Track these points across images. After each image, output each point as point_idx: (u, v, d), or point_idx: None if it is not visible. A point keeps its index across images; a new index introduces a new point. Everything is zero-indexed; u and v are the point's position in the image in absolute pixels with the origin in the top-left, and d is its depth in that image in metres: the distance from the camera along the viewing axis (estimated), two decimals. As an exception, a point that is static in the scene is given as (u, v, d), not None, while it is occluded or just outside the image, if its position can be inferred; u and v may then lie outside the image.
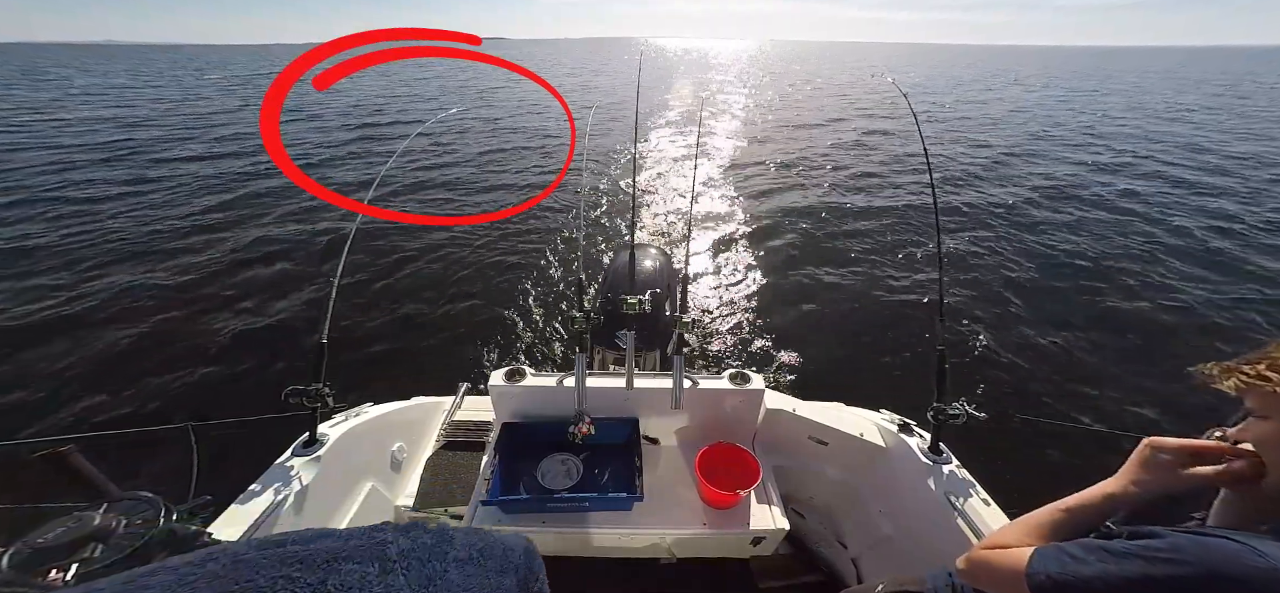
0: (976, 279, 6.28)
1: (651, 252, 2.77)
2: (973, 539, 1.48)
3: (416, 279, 6.28)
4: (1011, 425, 3.55)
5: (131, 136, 15.10)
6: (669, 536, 1.84)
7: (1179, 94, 28.77)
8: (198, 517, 1.27)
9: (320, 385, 1.63)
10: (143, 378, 4.49)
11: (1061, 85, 33.63)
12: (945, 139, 15.09)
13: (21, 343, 4.85)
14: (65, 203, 8.83)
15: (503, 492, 1.82)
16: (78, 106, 21.47)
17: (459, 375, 3.05)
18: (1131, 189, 9.93)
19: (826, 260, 6.85)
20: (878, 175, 11.08)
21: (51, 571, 0.97)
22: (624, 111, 18.35)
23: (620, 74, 43.89)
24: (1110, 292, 5.99)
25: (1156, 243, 7.35)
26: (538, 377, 1.99)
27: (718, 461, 1.90)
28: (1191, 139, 15.11)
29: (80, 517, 1.07)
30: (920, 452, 1.75)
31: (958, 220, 8.25)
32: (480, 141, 14.59)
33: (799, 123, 18.24)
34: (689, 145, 13.88)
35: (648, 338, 2.39)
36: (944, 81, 36.86)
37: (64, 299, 5.62)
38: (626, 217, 8.03)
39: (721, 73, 46.67)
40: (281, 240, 7.31)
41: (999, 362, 4.78)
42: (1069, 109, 21.96)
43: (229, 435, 2.83)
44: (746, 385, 1.96)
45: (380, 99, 24.69)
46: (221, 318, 5.38)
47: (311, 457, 1.68)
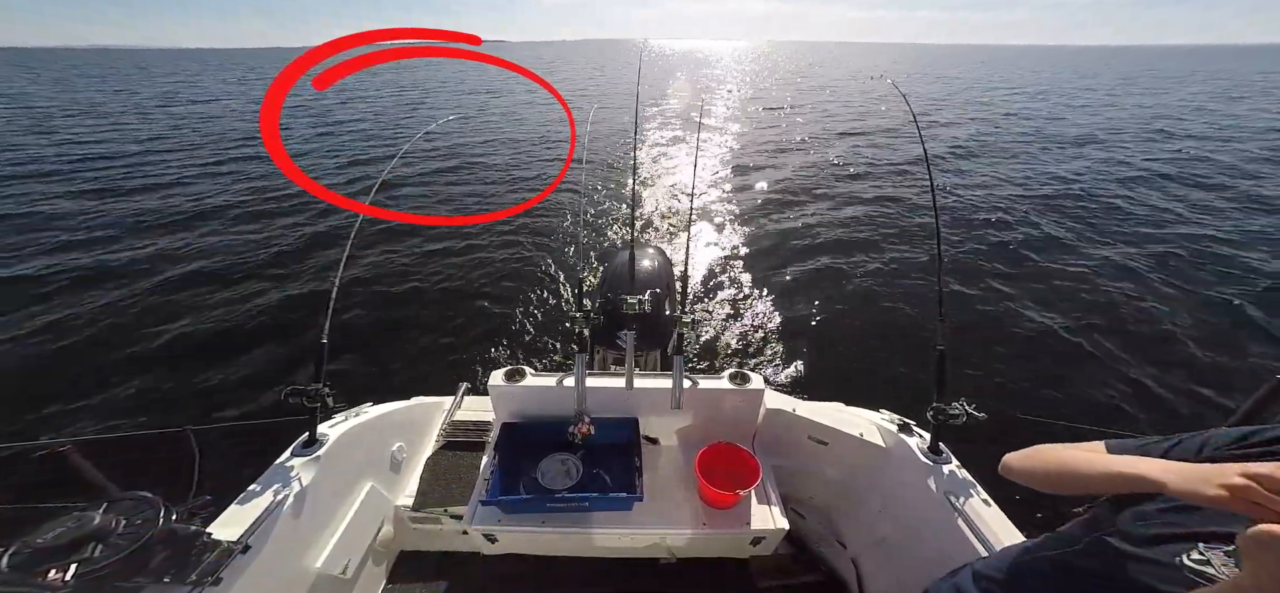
0: (977, 279, 6.28)
1: (651, 251, 2.76)
2: (973, 539, 1.48)
3: (417, 279, 6.27)
4: (1011, 426, 3.54)
5: (132, 137, 15.09)
6: (669, 536, 1.84)
7: (1178, 94, 28.77)
8: (197, 517, 1.27)
9: (320, 385, 1.63)
10: (143, 378, 4.49)
11: (1060, 85, 33.63)
12: (945, 139, 15.10)
13: (21, 343, 4.85)
14: (65, 203, 8.83)
15: (503, 492, 1.82)
16: (66, 110, 21.45)
17: (459, 375, 3.05)
18: (1133, 189, 9.93)
19: (826, 260, 6.85)
20: (877, 175, 11.08)
21: (51, 570, 0.97)
22: (624, 112, 18.36)
23: (620, 74, 43.92)
24: (1112, 291, 5.98)
25: (1158, 243, 7.34)
26: (538, 377, 1.99)
27: (717, 461, 1.90)
28: (1191, 140, 15.11)
29: (80, 517, 1.07)
30: (920, 452, 1.75)
31: (957, 220, 8.25)
32: (481, 142, 14.60)
33: (798, 123, 18.25)
34: (688, 145, 13.90)
35: (648, 338, 2.38)
36: (943, 82, 36.86)
37: (65, 299, 5.63)
38: (626, 216, 8.04)
39: (721, 73, 46.72)
40: (283, 241, 7.31)
41: (999, 362, 4.77)
42: (1070, 110, 21.96)
43: (229, 435, 2.83)
44: (746, 385, 1.96)
45: (382, 99, 24.68)
46: (222, 318, 5.38)
47: (311, 457, 1.68)
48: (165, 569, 1.12)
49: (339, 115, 19.33)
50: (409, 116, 19.86)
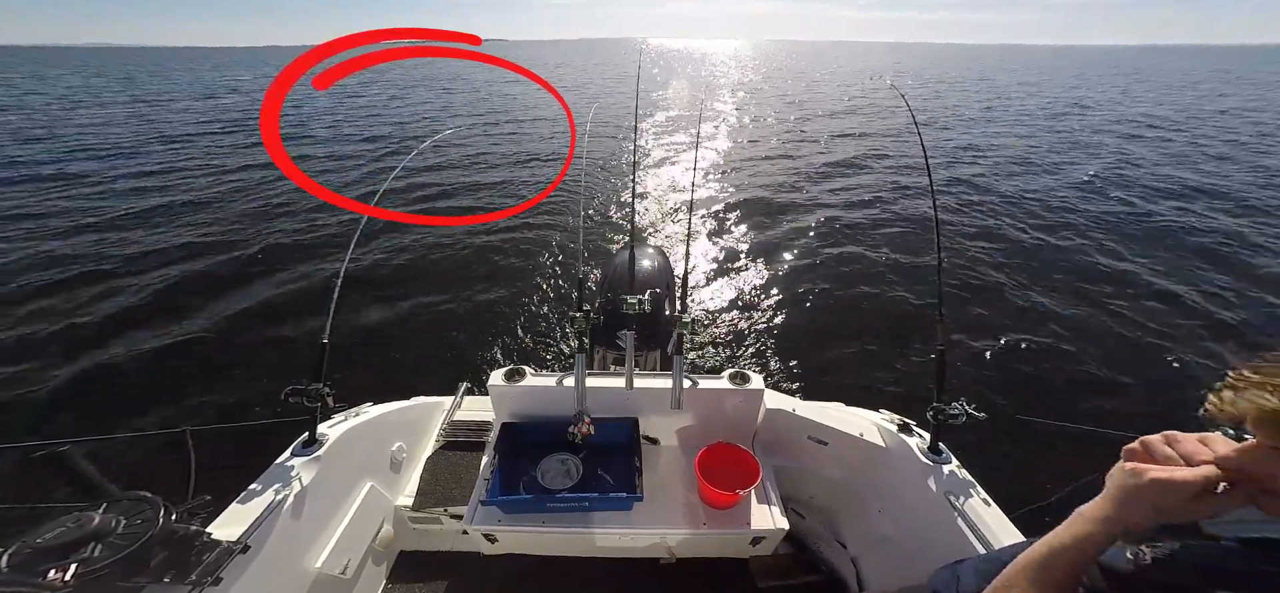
0: (976, 279, 6.28)
1: (651, 251, 2.76)
2: (973, 539, 1.48)
3: (417, 279, 6.27)
4: (1012, 425, 3.55)
5: (129, 138, 15.09)
6: (669, 536, 1.84)
7: (1183, 94, 28.78)
8: (197, 517, 1.27)
9: (321, 385, 1.63)
10: (143, 378, 4.49)
11: (1060, 85, 33.62)
12: (945, 140, 15.10)
13: (22, 343, 4.85)
14: (64, 204, 8.83)
15: (502, 492, 1.81)
16: (66, 109, 21.46)
17: (459, 375, 3.05)
18: (1135, 190, 9.93)
19: (826, 260, 6.85)
20: (877, 175, 11.08)
21: (51, 570, 0.97)
22: (623, 111, 18.37)
23: (620, 74, 43.91)
24: (1113, 291, 5.98)
25: (1159, 242, 7.35)
26: (538, 377, 1.99)
27: (717, 461, 1.90)
28: (1197, 140, 15.11)
29: (80, 517, 1.07)
30: (920, 452, 1.75)
31: (958, 220, 8.25)
32: (480, 142, 14.61)
33: (797, 122, 18.25)
34: (688, 145, 13.90)
35: (648, 338, 2.38)
36: (943, 82, 36.86)
37: (64, 299, 5.63)
38: (626, 215, 8.04)
39: (721, 72, 46.70)
40: (284, 241, 7.32)
41: (999, 362, 4.77)
42: (1071, 109, 21.96)
43: (229, 435, 2.83)
44: (746, 385, 1.96)
45: (383, 100, 24.67)
46: (223, 318, 5.38)
47: (311, 457, 1.68)
48: (165, 569, 1.12)
49: (340, 116, 19.33)
50: (410, 118, 19.85)
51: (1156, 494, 0.63)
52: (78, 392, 4.30)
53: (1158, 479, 0.63)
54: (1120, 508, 0.66)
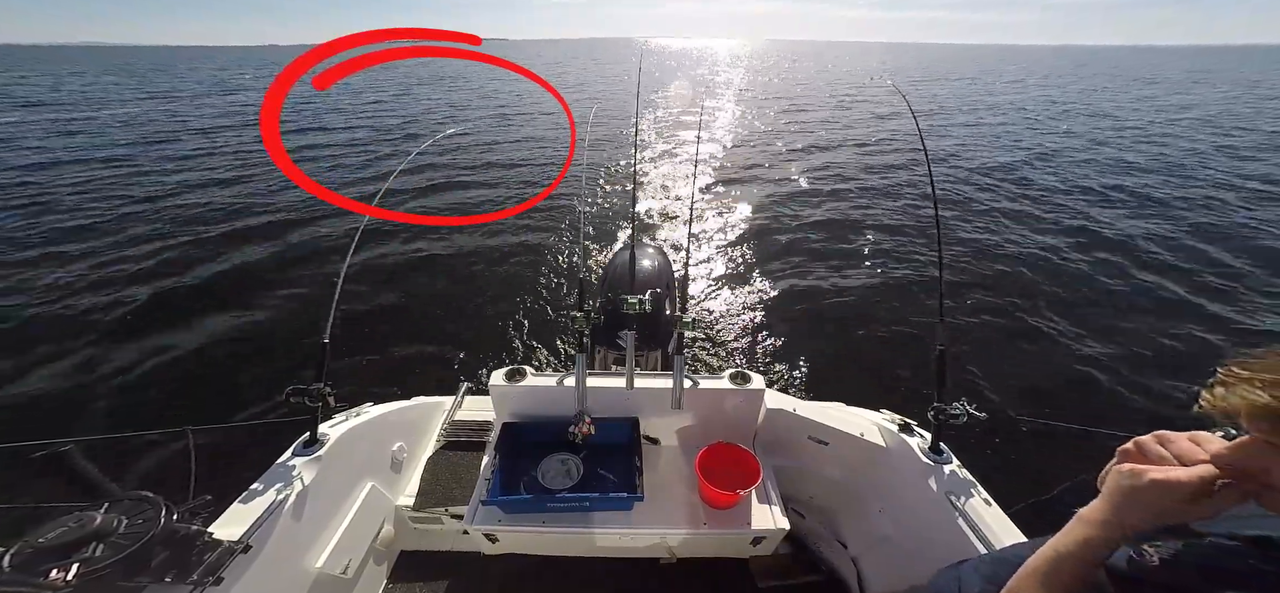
0: (977, 279, 6.28)
1: (651, 251, 2.76)
2: (973, 540, 1.48)
3: (418, 279, 6.28)
4: (1012, 426, 3.55)
5: (129, 138, 15.09)
6: (669, 536, 1.83)
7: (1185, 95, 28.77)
8: (198, 517, 1.27)
9: (321, 385, 1.63)
10: (143, 378, 4.50)
11: (1059, 85, 33.60)
12: (945, 138, 15.09)
13: (22, 344, 4.85)
14: (63, 205, 8.83)
15: (503, 492, 1.81)
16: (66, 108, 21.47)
17: (460, 375, 3.05)
18: (1134, 190, 9.93)
19: (827, 260, 6.85)
20: (877, 175, 11.08)
21: (53, 570, 0.97)
22: (623, 111, 18.38)
23: (620, 74, 43.90)
24: (1114, 291, 5.98)
25: (1159, 242, 7.34)
26: (538, 377, 1.98)
27: (718, 461, 1.90)
28: (1197, 139, 15.10)
29: (81, 517, 1.07)
30: (920, 452, 1.75)
31: (958, 220, 8.25)
32: (481, 142, 14.60)
33: (798, 122, 18.25)
34: (688, 144, 13.90)
35: (648, 338, 2.38)
36: (944, 82, 36.84)
37: (64, 300, 5.63)
38: (626, 216, 8.04)
39: (720, 72, 46.69)
40: (286, 242, 7.32)
41: (999, 362, 4.77)
42: (1072, 110, 21.95)
43: (230, 435, 2.83)
44: (747, 385, 1.96)
45: (383, 101, 24.67)
46: (224, 317, 5.39)
47: (312, 456, 1.68)
48: (166, 569, 1.12)
49: (340, 116, 19.33)
50: (412, 118, 19.85)
51: (1156, 495, 0.63)
52: (78, 392, 4.30)
53: (1157, 480, 0.63)
54: (1119, 510, 0.66)
